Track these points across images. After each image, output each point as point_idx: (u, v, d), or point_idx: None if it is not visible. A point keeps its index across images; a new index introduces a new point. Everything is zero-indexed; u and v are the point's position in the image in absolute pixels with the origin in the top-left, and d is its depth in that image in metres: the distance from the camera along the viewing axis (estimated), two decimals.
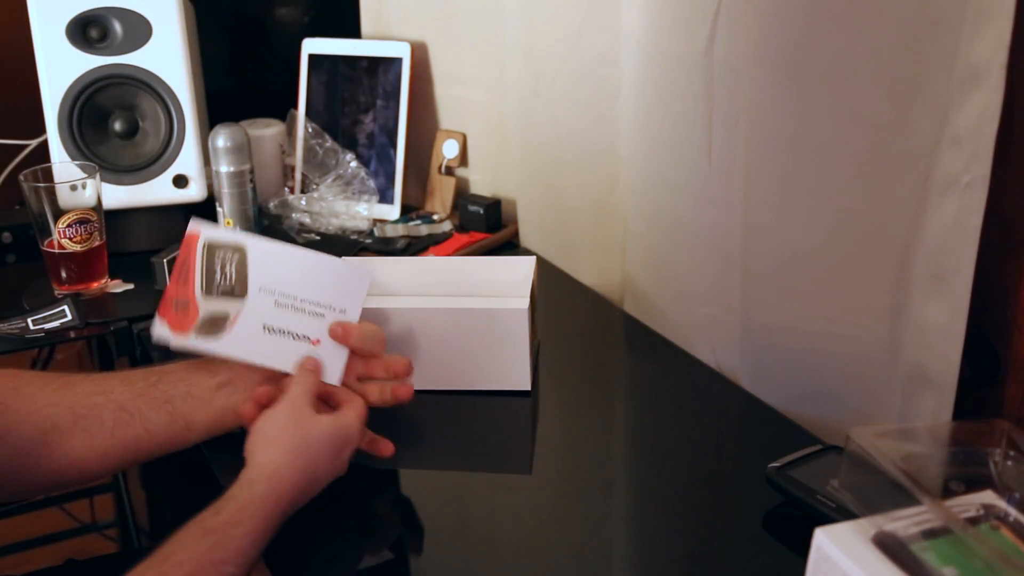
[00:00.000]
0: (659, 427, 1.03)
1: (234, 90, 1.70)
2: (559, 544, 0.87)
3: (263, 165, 1.53)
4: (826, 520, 0.70)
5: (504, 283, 1.14)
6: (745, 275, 1.06)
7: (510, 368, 1.03)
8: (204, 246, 0.94)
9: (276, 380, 0.92)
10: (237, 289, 0.93)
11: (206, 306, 0.93)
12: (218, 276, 0.94)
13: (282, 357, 0.91)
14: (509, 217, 1.48)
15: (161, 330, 0.92)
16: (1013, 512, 0.65)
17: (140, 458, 0.94)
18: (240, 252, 0.94)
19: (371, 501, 0.93)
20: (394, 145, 1.53)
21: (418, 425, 1.01)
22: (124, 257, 1.37)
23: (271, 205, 1.50)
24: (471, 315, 1.02)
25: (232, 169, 1.40)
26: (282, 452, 0.83)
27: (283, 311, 0.93)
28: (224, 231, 0.96)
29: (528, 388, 1.04)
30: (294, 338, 0.92)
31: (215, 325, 0.92)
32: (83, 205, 1.26)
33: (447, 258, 1.35)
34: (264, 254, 0.94)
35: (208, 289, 0.93)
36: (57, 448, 0.89)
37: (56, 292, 1.28)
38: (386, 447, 0.92)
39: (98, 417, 0.90)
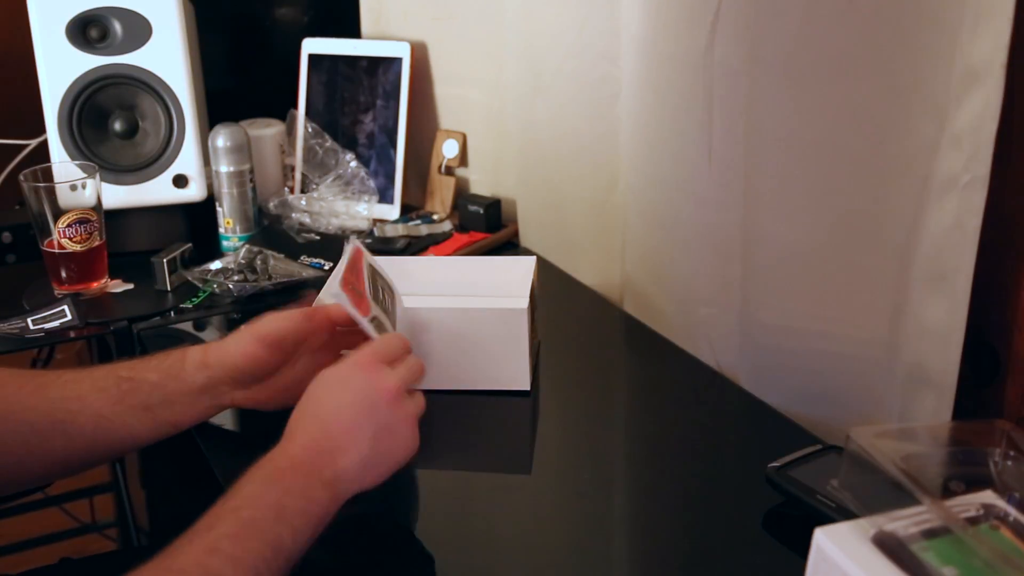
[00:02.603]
0: (659, 427, 1.03)
1: (234, 90, 1.70)
2: (559, 544, 0.87)
3: (263, 165, 1.53)
4: (826, 520, 0.70)
5: (504, 283, 1.14)
6: (745, 275, 1.06)
7: (509, 368, 1.03)
8: (368, 265, 0.98)
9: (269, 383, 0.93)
10: (391, 321, 0.97)
11: (374, 308, 0.95)
12: (380, 296, 0.97)
13: None
14: (509, 217, 1.48)
15: (342, 297, 0.89)
16: (1013, 512, 0.65)
17: (128, 452, 0.93)
18: (391, 295, 1.00)
19: (370, 500, 0.93)
20: (394, 145, 1.53)
21: (420, 420, 1.01)
22: (124, 257, 1.37)
23: (271, 205, 1.50)
24: (471, 315, 1.02)
25: (232, 169, 1.40)
26: (297, 415, 0.81)
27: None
28: (380, 262, 1.00)
29: (527, 388, 1.04)
30: None
31: (380, 327, 0.93)
32: (83, 205, 1.26)
33: (447, 258, 1.35)
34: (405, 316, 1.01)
35: (373, 298, 0.96)
36: (38, 449, 0.89)
37: (56, 292, 1.28)
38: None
39: (76, 423, 0.89)
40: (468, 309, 1.03)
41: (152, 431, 0.92)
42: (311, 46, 1.57)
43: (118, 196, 1.37)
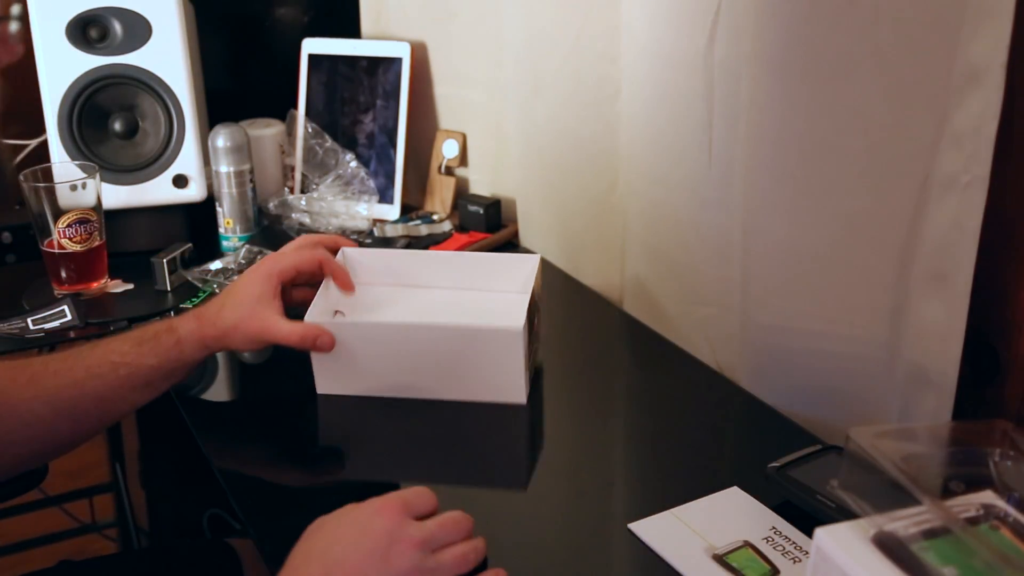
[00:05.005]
0: (659, 427, 1.03)
1: (234, 90, 1.70)
2: (559, 542, 0.87)
3: (263, 165, 1.53)
4: (826, 520, 0.70)
5: (505, 284, 1.13)
6: (745, 275, 1.05)
7: (505, 384, 1.01)
8: None
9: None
10: None
11: None
12: None
13: None
14: (509, 217, 1.48)
15: None
16: (1013, 512, 0.65)
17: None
18: None
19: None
20: (394, 145, 1.53)
21: (417, 426, 1.01)
22: (124, 257, 1.37)
23: (271, 205, 1.50)
24: (466, 333, 1.00)
25: (232, 169, 1.40)
26: (303, 552, 0.75)
27: None
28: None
29: (523, 402, 1.02)
30: None
31: None
32: (83, 205, 1.26)
33: (451, 253, 1.31)
34: None
35: None
36: (44, 435, 0.93)
37: (56, 292, 1.28)
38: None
39: (80, 408, 0.93)
40: (464, 327, 1.01)
41: (152, 396, 0.98)
42: (311, 46, 1.57)
43: (118, 196, 1.37)
